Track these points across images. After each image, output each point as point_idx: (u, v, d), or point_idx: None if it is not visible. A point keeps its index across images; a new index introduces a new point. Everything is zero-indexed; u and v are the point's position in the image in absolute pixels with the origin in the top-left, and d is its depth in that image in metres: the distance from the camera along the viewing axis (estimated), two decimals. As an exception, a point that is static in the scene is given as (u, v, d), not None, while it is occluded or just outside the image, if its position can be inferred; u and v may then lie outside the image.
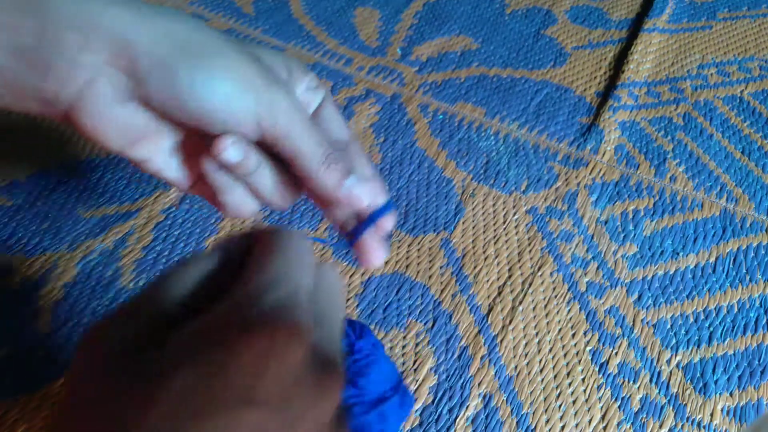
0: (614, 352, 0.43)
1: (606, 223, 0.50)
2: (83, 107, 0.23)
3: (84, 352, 0.19)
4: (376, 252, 0.28)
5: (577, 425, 0.39)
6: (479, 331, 0.43)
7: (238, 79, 0.24)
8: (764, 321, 0.44)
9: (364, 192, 0.26)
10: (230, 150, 0.24)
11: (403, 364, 0.42)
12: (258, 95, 0.24)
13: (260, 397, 0.17)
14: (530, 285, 0.46)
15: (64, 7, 0.22)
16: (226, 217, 0.26)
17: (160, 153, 0.26)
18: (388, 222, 0.28)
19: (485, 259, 0.48)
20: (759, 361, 0.42)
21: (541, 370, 0.42)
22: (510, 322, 0.44)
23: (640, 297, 0.46)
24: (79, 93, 0.23)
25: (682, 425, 0.39)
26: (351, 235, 0.28)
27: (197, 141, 0.26)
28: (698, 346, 0.43)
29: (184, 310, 0.19)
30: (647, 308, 0.45)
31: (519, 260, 0.48)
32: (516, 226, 0.50)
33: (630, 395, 0.41)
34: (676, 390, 0.41)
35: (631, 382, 0.41)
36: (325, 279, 0.22)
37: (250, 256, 0.21)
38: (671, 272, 0.47)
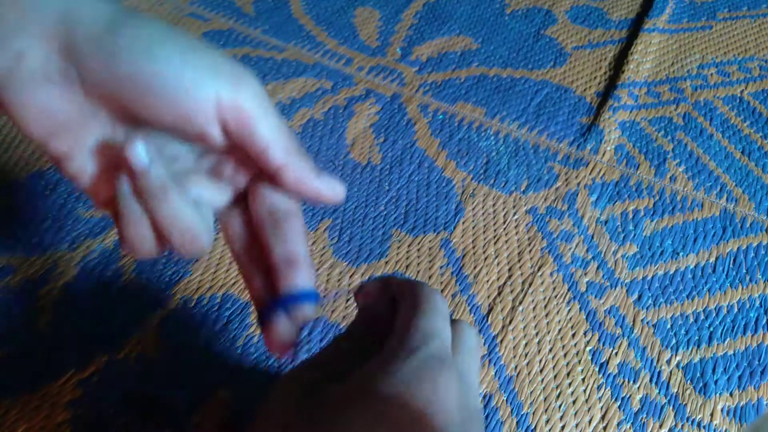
0: (614, 352, 0.43)
1: (606, 223, 0.50)
2: (8, 85, 0.21)
3: (282, 389, 0.22)
4: (280, 341, 0.24)
5: (577, 425, 0.39)
6: (479, 331, 0.43)
7: (193, 49, 0.21)
8: (764, 321, 0.44)
9: (339, 187, 0.24)
10: (139, 149, 0.21)
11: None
12: (217, 70, 0.21)
13: None
14: (530, 285, 0.46)
15: None
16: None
17: (80, 151, 0.23)
18: (307, 311, 0.24)
19: (485, 259, 0.48)
20: (759, 361, 0.42)
21: (541, 370, 0.42)
22: (510, 322, 0.44)
23: (640, 297, 0.46)
24: (6, 69, 0.21)
25: (682, 425, 0.39)
26: (262, 313, 0.25)
27: (120, 156, 0.23)
28: (698, 346, 0.43)
29: (356, 357, 0.22)
30: (647, 308, 0.45)
31: (519, 260, 0.48)
32: (516, 226, 0.50)
33: (630, 395, 0.41)
34: (676, 390, 0.41)
35: (631, 382, 0.41)
36: (467, 339, 0.24)
37: (400, 310, 0.23)
38: (671, 272, 0.47)
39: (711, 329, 0.44)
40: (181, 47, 0.21)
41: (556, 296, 0.45)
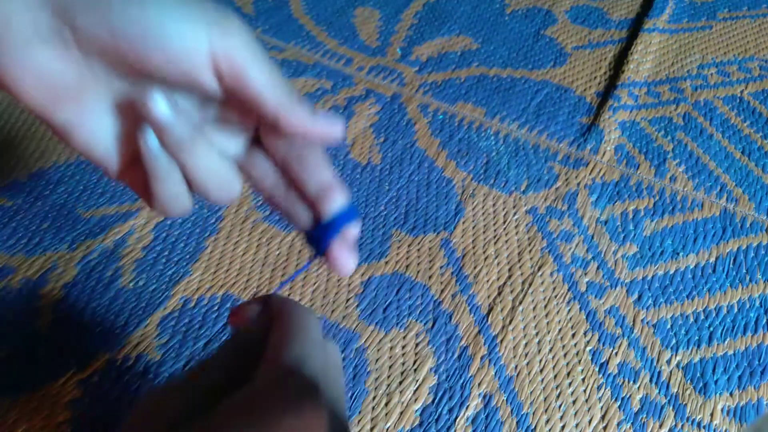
0: (614, 352, 0.43)
1: (606, 223, 0.50)
2: (0, 52, 0.20)
3: (142, 415, 0.22)
4: (345, 261, 0.26)
5: (577, 425, 0.39)
6: (479, 331, 0.43)
7: (185, 1, 0.21)
8: (764, 321, 0.44)
9: (339, 124, 0.24)
10: (160, 101, 0.20)
11: (403, 364, 0.42)
12: (211, 23, 0.21)
13: None
14: (530, 285, 0.46)
15: None
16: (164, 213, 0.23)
17: (89, 117, 0.22)
18: (352, 230, 0.25)
19: (485, 259, 0.48)
20: (759, 361, 0.42)
21: (541, 370, 0.42)
22: (510, 322, 0.44)
23: (640, 297, 0.46)
24: None
25: (682, 425, 0.39)
26: (316, 242, 0.26)
27: (134, 113, 0.23)
28: (698, 346, 0.43)
29: (223, 385, 0.22)
30: (647, 308, 0.45)
31: (519, 260, 0.48)
32: (516, 226, 0.50)
33: (630, 395, 0.41)
34: (676, 390, 0.41)
35: (631, 382, 0.41)
36: (332, 356, 0.24)
37: (272, 336, 0.23)
38: (671, 272, 0.47)
39: (711, 329, 0.44)
40: (179, 1, 0.21)
41: (556, 296, 0.45)
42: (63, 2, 0.20)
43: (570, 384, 0.41)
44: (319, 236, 0.26)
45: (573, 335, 0.43)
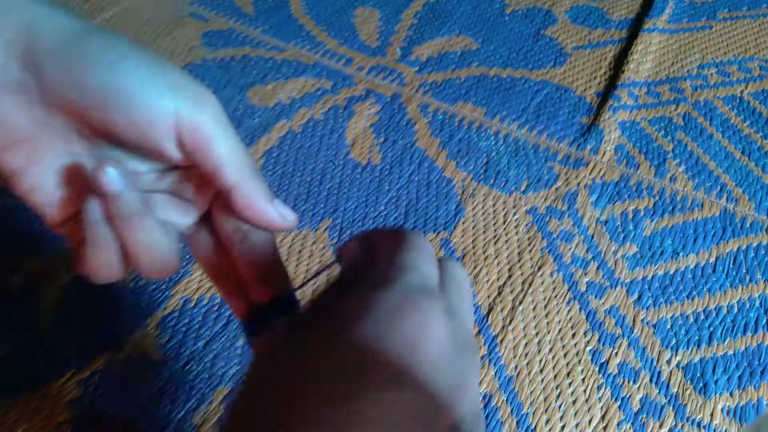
0: (614, 352, 0.43)
1: (606, 223, 0.50)
2: None
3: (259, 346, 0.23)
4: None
5: (577, 425, 0.39)
6: (479, 331, 0.43)
7: (157, 67, 0.21)
8: (764, 321, 0.44)
9: (290, 215, 0.23)
10: (113, 172, 0.20)
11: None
12: (179, 88, 0.21)
13: (411, 378, 0.17)
14: (530, 285, 0.46)
15: None
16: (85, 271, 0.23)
17: (37, 167, 0.22)
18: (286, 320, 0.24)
19: (485, 259, 0.48)
20: (759, 361, 0.42)
21: (541, 370, 0.42)
22: (510, 322, 0.44)
23: (640, 297, 0.46)
24: None
25: (682, 425, 0.39)
26: (245, 331, 0.24)
27: (81, 175, 0.23)
28: (698, 346, 0.43)
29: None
30: (647, 308, 0.45)
31: (519, 260, 0.48)
32: (516, 226, 0.50)
33: (630, 395, 0.41)
34: (676, 390, 0.41)
35: (631, 382, 0.41)
36: (454, 273, 0.22)
37: (379, 250, 0.21)
38: (671, 272, 0.47)
39: (711, 329, 0.44)
40: (144, 63, 0.21)
41: (556, 296, 0.45)
42: (33, 56, 0.20)
43: (570, 384, 0.41)
44: (247, 327, 0.24)
45: (573, 335, 0.43)
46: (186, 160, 0.22)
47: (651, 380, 0.41)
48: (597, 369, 0.42)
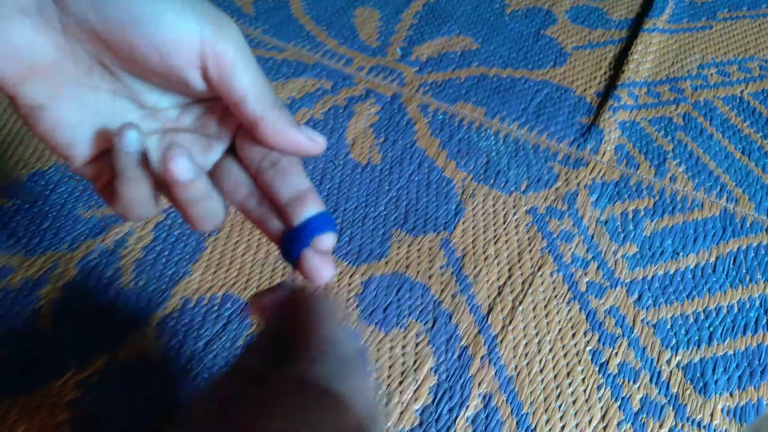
0: (614, 352, 0.43)
1: (606, 223, 0.50)
2: None
3: (200, 399, 0.23)
4: (319, 269, 0.24)
5: (577, 425, 0.39)
6: (479, 331, 0.43)
7: None
8: (764, 321, 0.44)
9: (319, 137, 0.23)
10: (183, 164, 0.20)
11: (403, 364, 0.42)
12: (205, 20, 0.20)
13: None
14: (530, 285, 0.46)
15: None
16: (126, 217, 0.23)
17: (59, 97, 0.21)
18: (326, 239, 0.24)
19: (485, 259, 0.48)
20: (759, 361, 0.42)
21: (541, 370, 0.42)
22: (510, 322, 0.44)
23: (640, 297, 0.46)
24: None
25: (682, 425, 0.39)
26: (287, 251, 0.25)
27: (107, 110, 0.22)
28: (698, 346, 0.43)
29: (263, 367, 0.23)
30: (647, 308, 0.45)
31: (519, 260, 0.48)
32: (516, 226, 0.50)
33: (630, 395, 0.41)
34: (676, 390, 0.41)
35: (631, 382, 0.41)
36: (346, 349, 0.25)
37: (300, 322, 0.24)
38: (671, 272, 0.47)
39: (711, 329, 0.44)
40: None
41: (556, 296, 0.45)
42: None
43: (570, 384, 0.41)
44: (290, 244, 0.24)
45: (573, 335, 0.43)
46: (209, 92, 0.22)
47: (651, 380, 0.41)
48: (597, 369, 0.42)
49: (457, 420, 0.39)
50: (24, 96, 0.21)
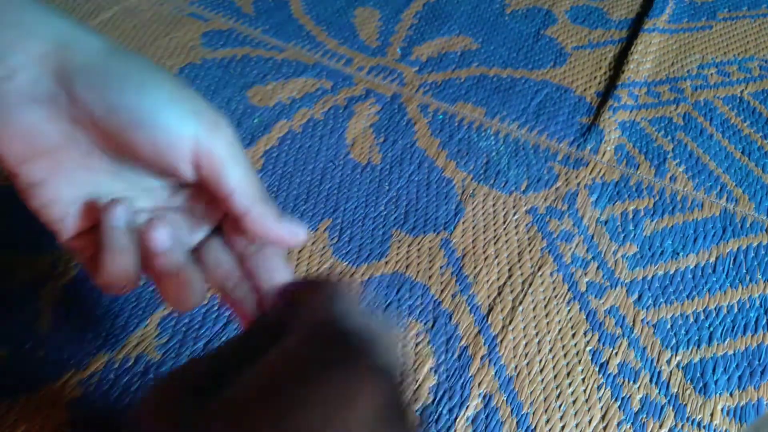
0: (614, 352, 0.43)
1: (606, 223, 0.50)
2: None
3: (158, 393, 0.20)
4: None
5: (577, 425, 0.39)
6: (479, 331, 0.43)
7: (179, 91, 0.22)
8: (764, 321, 0.44)
9: (301, 231, 0.25)
10: (162, 234, 0.22)
11: (403, 364, 0.42)
12: (199, 114, 0.22)
13: None
14: (530, 285, 0.46)
15: (5, 7, 0.21)
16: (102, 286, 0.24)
17: (57, 177, 0.23)
18: None
19: (485, 259, 0.48)
20: (759, 361, 0.42)
21: (541, 370, 0.42)
22: (510, 322, 0.44)
23: (640, 297, 0.46)
24: None
25: (682, 425, 0.39)
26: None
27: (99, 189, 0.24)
28: (698, 346, 0.43)
29: (240, 358, 0.21)
30: (647, 308, 0.45)
31: (519, 260, 0.48)
32: (516, 226, 0.50)
33: (630, 395, 0.41)
34: (676, 390, 0.41)
35: (631, 382, 0.41)
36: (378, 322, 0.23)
37: (301, 307, 0.22)
38: (671, 272, 0.47)
39: (711, 329, 0.44)
40: (169, 87, 0.22)
41: (556, 296, 0.45)
42: (67, 71, 0.21)
43: (570, 384, 0.41)
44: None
45: (573, 335, 0.43)
46: (201, 182, 0.24)
47: (651, 380, 0.41)
48: (597, 369, 0.42)
49: (457, 420, 0.39)
50: (25, 174, 0.22)
